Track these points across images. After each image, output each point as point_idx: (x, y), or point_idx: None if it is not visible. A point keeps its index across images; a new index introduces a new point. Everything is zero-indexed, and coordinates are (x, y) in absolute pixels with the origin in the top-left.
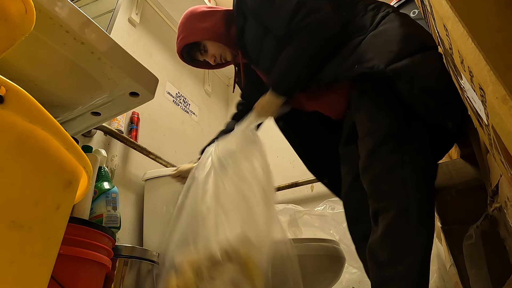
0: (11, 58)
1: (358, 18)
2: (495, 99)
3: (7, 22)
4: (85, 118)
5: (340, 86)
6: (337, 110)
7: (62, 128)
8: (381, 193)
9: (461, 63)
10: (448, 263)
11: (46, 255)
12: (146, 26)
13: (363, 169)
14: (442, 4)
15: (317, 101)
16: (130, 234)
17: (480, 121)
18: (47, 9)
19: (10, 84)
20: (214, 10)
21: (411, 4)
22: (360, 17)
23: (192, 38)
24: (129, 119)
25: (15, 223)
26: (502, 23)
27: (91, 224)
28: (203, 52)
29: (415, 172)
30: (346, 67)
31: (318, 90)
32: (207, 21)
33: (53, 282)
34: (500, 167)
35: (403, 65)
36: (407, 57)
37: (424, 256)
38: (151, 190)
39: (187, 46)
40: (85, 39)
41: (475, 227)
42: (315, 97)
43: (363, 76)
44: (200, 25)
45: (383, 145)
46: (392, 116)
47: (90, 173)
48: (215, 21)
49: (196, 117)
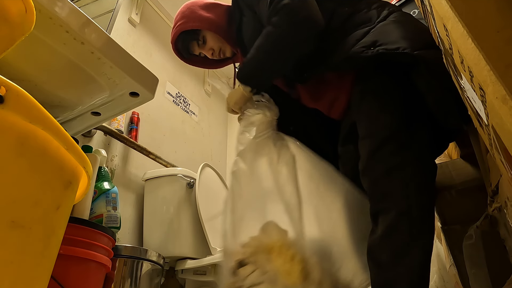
0: (11, 58)
1: (362, 13)
2: (495, 99)
3: (7, 22)
4: (85, 118)
5: (341, 82)
6: (337, 108)
7: (62, 128)
8: (381, 194)
9: (461, 63)
10: (448, 263)
11: (46, 255)
12: (146, 26)
13: (364, 170)
14: (442, 4)
15: (316, 97)
16: (130, 234)
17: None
18: (47, 9)
19: (10, 84)
20: (218, 3)
21: (411, 4)
22: (364, 13)
23: (193, 25)
24: (129, 119)
25: (15, 223)
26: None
27: (91, 224)
28: (200, 43)
29: (416, 173)
30: (361, 46)
31: (316, 85)
32: (210, 12)
33: (53, 282)
34: (500, 167)
35: (430, 55)
36: (430, 49)
37: (424, 257)
38: (151, 190)
39: (184, 34)
40: (85, 39)
41: (475, 227)
42: (314, 93)
43: (378, 58)
44: (202, 14)
45: (384, 146)
46: (394, 117)
47: (90, 173)
48: (218, 14)
49: (196, 117)
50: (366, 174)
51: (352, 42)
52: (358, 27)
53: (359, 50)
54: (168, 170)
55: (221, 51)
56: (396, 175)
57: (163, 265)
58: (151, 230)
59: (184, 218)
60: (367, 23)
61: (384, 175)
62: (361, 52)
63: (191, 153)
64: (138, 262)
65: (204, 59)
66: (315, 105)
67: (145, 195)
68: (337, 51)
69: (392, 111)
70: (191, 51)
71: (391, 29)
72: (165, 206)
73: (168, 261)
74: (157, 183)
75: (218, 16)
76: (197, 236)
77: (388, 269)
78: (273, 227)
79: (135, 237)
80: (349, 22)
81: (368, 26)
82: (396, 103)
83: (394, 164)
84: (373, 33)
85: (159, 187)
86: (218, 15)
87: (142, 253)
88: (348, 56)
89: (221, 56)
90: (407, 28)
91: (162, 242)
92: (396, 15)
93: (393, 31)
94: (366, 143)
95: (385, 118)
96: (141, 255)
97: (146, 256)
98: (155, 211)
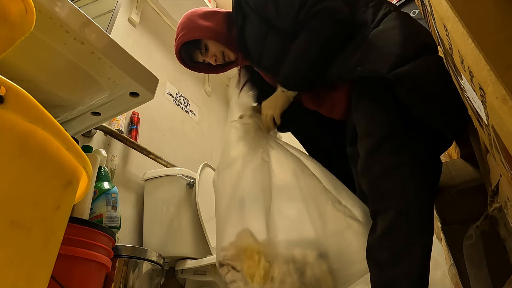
0: (11, 58)
1: (360, 13)
2: (495, 99)
3: (7, 22)
4: (85, 118)
5: (341, 87)
6: (337, 111)
7: (62, 128)
8: (380, 194)
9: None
10: (448, 263)
11: (46, 255)
12: (146, 26)
13: (362, 169)
14: (442, 4)
15: (317, 102)
16: (130, 234)
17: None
18: (47, 9)
19: (10, 84)
20: (216, 11)
21: (411, 4)
22: (362, 12)
23: (193, 36)
24: (129, 119)
25: (15, 223)
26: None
27: (91, 224)
28: (203, 51)
29: (414, 173)
30: (348, 68)
31: (318, 90)
32: (209, 20)
33: (53, 282)
34: (500, 167)
35: (405, 71)
36: (409, 62)
37: (424, 257)
38: (151, 190)
39: (186, 44)
40: (85, 39)
41: (475, 227)
42: (315, 97)
43: (365, 78)
44: (203, 23)
45: (382, 145)
46: (391, 117)
47: (90, 173)
48: (217, 21)
49: (196, 117)
50: (365, 174)
51: (342, 61)
52: (355, 32)
53: (347, 70)
54: (168, 170)
55: (225, 55)
56: (394, 174)
57: (163, 265)
58: (151, 230)
59: (184, 218)
60: (362, 27)
61: (382, 175)
62: (348, 72)
63: (191, 153)
64: (138, 262)
65: (208, 65)
66: (317, 108)
67: (145, 195)
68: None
69: (389, 112)
70: (195, 59)
71: (376, 44)
72: (165, 206)
73: (168, 261)
74: (157, 183)
75: (217, 24)
76: (197, 236)
77: (388, 269)
78: (246, 234)
79: (135, 237)
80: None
81: (363, 31)
82: (393, 105)
83: (392, 164)
84: (362, 48)
85: (159, 187)
86: (217, 22)
87: (142, 253)
88: (339, 77)
89: (226, 60)
90: (393, 39)
91: (162, 242)
92: (389, 19)
93: (376, 47)
94: (364, 143)
95: (382, 117)
96: (141, 255)
97: (146, 256)
98: (155, 211)
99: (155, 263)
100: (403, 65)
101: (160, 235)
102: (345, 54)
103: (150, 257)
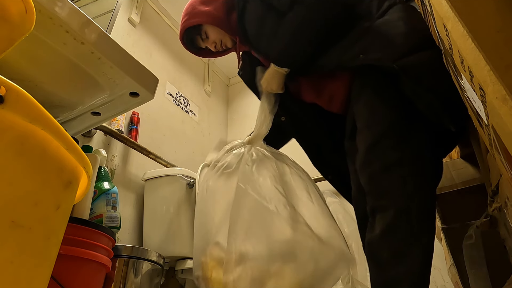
0: (11, 58)
1: (366, 2)
2: (495, 99)
3: (7, 22)
4: (85, 118)
5: (340, 77)
6: (336, 102)
7: (62, 128)
8: (379, 191)
9: (461, 63)
10: (448, 263)
11: (46, 255)
12: (146, 26)
13: (362, 164)
14: (442, 4)
15: (315, 91)
16: (130, 234)
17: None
18: (47, 9)
19: (10, 84)
20: None
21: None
22: (368, 2)
23: (193, 21)
24: (129, 119)
25: (15, 223)
26: (502, 23)
27: (91, 224)
28: (204, 38)
29: (415, 170)
30: (350, 55)
31: (317, 79)
32: (209, 5)
33: (53, 282)
34: (500, 167)
35: (411, 62)
36: (414, 53)
37: (425, 256)
38: (151, 190)
39: (189, 30)
40: (85, 39)
41: (475, 227)
42: (313, 87)
43: (367, 67)
44: (201, 8)
45: (382, 140)
46: (394, 111)
47: (90, 173)
48: (216, 6)
49: (196, 117)
50: (364, 170)
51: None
52: (359, 21)
53: (348, 59)
54: (168, 170)
55: (222, 43)
56: (394, 171)
57: (163, 265)
58: (151, 230)
59: (184, 218)
60: (367, 17)
61: (382, 171)
62: (350, 61)
63: (191, 153)
64: (138, 262)
65: (210, 50)
66: (316, 100)
67: (145, 195)
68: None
69: (391, 105)
70: (197, 45)
71: (381, 34)
72: (165, 206)
73: (168, 261)
74: (157, 183)
75: (216, 8)
76: None
77: (388, 268)
78: (216, 247)
79: (135, 237)
80: (351, 13)
81: (368, 21)
82: (395, 98)
83: (392, 160)
84: (366, 37)
85: (159, 187)
86: (216, 7)
87: (142, 253)
88: (338, 65)
89: (223, 48)
90: (398, 30)
91: (162, 242)
92: (395, 10)
93: (381, 36)
94: (364, 137)
95: (384, 110)
96: (141, 255)
97: (146, 256)
98: (155, 211)
99: (155, 263)
100: (407, 55)
101: (160, 235)
102: (346, 42)
103: (150, 257)
